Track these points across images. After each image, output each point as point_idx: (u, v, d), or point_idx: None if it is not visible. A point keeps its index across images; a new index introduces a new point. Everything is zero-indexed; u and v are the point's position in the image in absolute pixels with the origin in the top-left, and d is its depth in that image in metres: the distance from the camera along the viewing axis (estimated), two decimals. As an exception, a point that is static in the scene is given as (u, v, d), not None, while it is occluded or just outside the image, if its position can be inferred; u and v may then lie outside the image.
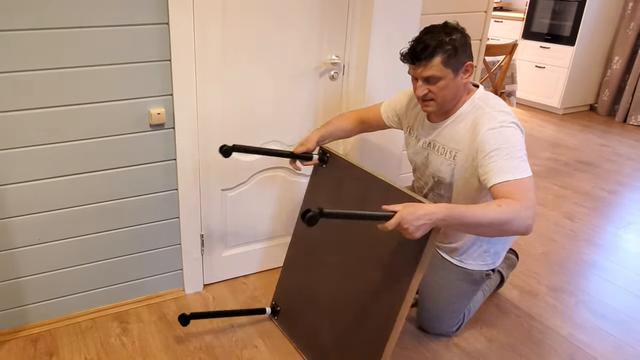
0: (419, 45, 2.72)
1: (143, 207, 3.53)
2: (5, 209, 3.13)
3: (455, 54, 2.71)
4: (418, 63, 2.73)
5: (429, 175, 3.17)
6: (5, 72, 2.84)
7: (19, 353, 3.30)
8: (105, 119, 3.19)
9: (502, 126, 2.71)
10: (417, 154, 3.22)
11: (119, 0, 2.96)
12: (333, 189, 3.15)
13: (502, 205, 2.46)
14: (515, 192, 2.52)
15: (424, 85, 2.78)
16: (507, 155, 2.61)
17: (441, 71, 2.71)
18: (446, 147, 2.97)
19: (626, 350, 3.48)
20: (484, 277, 3.32)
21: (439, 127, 3.01)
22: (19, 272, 3.32)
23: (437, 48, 2.68)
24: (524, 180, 2.57)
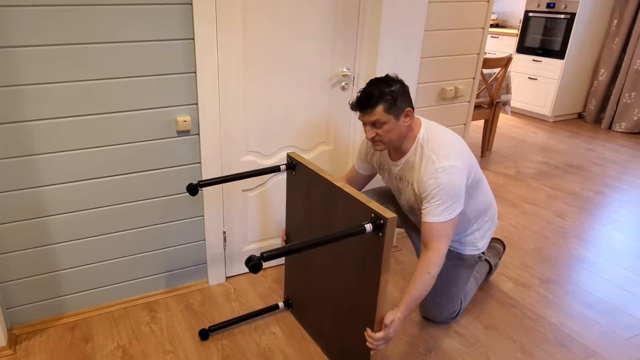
0: (364, 96, 2.93)
1: (171, 206, 3.53)
2: (46, 208, 3.14)
3: (395, 103, 2.90)
4: (364, 111, 2.94)
5: (404, 200, 3.34)
6: (50, 82, 2.85)
7: (58, 339, 3.30)
8: (137, 126, 3.20)
9: (437, 173, 2.91)
10: (390, 184, 3.41)
11: (150, 18, 2.97)
12: (304, 193, 3.18)
13: (430, 272, 2.81)
14: (435, 236, 2.88)
15: (372, 129, 2.97)
16: (437, 201, 2.88)
17: (384, 117, 2.90)
18: (407, 180, 3.17)
19: (611, 336, 3.47)
20: (476, 261, 3.45)
21: (399, 164, 3.20)
22: (57, 265, 3.33)
23: (379, 98, 2.88)
24: (442, 225, 2.88)
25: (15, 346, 3.22)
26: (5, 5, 2.62)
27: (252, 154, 3.72)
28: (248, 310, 3.60)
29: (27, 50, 2.75)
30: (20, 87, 2.81)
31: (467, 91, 4.41)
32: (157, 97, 3.19)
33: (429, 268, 2.81)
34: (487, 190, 3.39)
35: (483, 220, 3.40)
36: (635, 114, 8.11)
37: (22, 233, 3.14)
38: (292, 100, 3.71)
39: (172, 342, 3.31)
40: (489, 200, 3.40)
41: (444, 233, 2.89)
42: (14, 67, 2.75)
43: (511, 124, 8.70)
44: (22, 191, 3.04)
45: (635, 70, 8.01)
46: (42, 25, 2.73)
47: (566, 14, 8.10)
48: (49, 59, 2.82)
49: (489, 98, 6.64)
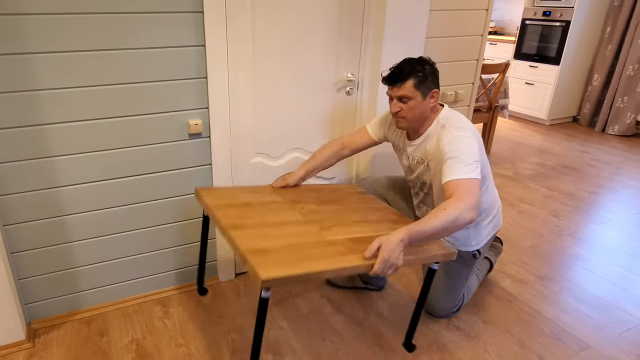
0: (396, 70, 2.95)
1: (183, 206, 3.53)
2: (63, 207, 3.14)
3: (425, 80, 2.93)
4: (394, 84, 2.96)
5: (415, 179, 3.32)
6: (67, 87, 2.85)
7: (75, 333, 3.30)
8: (150, 129, 3.20)
9: (456, 138, 2.88)
10: (403, 163, 3.40)
11: (163, 26, 2.97)
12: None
13: (447, 209, 2.61)
14: (458, 189, 2.71)
15: (398, 103, 2.98)
16: (458, 161, 2.79)
17: (412, 92, 2.92)
18: (423, 159, 3.15)
19: (604, 330, 3.46)
20: (471, 258, 3.39)
21: (415, 143, 3.18)
22: (74, 262, 3.33)
23: (410, 73, 2.90)
24: (468, 181, 2.73)
25: (34, 340, 3.23)
26: (24, 13, 2.62)
27: (260, 155, 3.72)
28: (256, 305, 3.58)
29: (45, 56, 2.75)
30: (38, 92, 2.81)
31: (467, 95, 4.40)
32: (170, 101, 3.19)
33: (446, 205, 2.63)
34: (491, 191, 3.35)
35: (483, 219, 3.33)
36: (627, 118, 8.09)
37: (40, 232, 3.14)
38: (299, 104, 3.71)
39: (184, 336, 3.30)
40: (491, 200, 3.35)
41: (467, 186, 2.72)
42: (32, 72, 2.75)
43: (509, 127, 8.68)
44: (40, 191, 3.04)
45: (627, 76, 7.99)
46: (59, 32, 2.74)
47: (561, 21, 8.09)
48: (66, 65, 2.82)
49: (488, 102, 6.64)
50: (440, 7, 3.88)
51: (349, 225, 2.87)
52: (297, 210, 3.01)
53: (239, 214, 2.83)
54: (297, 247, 2.51)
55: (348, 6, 3.60)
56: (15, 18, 2.61)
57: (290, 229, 2.72)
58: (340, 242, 2.62)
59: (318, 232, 2.71)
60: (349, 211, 3.11)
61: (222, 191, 3.16)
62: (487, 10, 4.12)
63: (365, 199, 3.38)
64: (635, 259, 4.41)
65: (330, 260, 2.41)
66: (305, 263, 2.35)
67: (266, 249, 2.45)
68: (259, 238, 2.56)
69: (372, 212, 3.16)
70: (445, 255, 2.77)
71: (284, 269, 2.27)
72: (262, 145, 3.69)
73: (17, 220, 3.05)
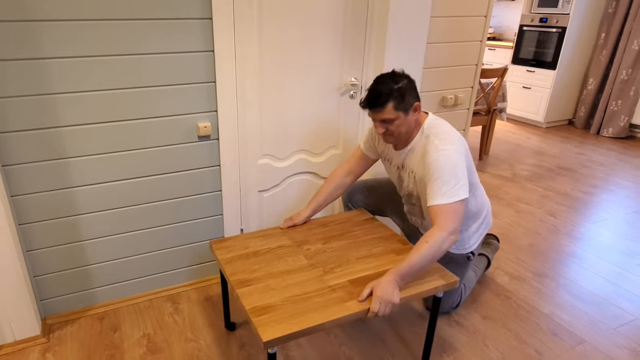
0: (373, 94, 2.82)
1: (192, 205, 3.53)
2: (77, 207, 3.14)
3: (403, 99, 2.81)
4: (374, 109, 2.84)
5: (404, 189, 3.26)
6: (81, 91, 2.86)
7: (88, 329, 3.30)
8: (161, 131, 3.20)
9: (438, 155, 2.79)
10: (392, 173, 3.34)
11: (173, 32, 2.98)
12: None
13: (428, 241, 2.62)
14: (439, 215, 2.71)
15: (382, 125, 2.89)
16: (442, 183, 2.73)
17: (393, 114, 2.82)
18: (409, 169, 3.10)
19: (599, 326, 3.45)
20: (465, 260, 3.35)
21: (402, 154, 3.11)
22: (88, 260, 3.33)
23: (388, 96, 2.78)
24: (449, 206, 2.71)
25: (49, 335, 3.23)
26: (39, 20, 2.62)
27: (267, 157, 3.71)
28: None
29: (60, 61, 2.75)
30: (53, 96, 2.81)
31: (466, 99, 4.39)
32: (180, 104, 3.18)
33: (427, 237, 2.64)
34: (479, 195, 3.31)
35: (472, 223, 3.31)
36: (621, 120, 8.07)
37: (55, 230, 3.14)
38: (304, 108, 3.71)
39: (194, 331, 3.31)
40: (479, 204, 3.31)
41: (448, 211, 2.71)
42: (48, 77, 2.75)
43: (507, 129, 8.66)
44: (55, 192, 3.04)
45: (621, 80, 7.97)
46: (74, 38, 2.74)
47: (557, 28, 8.07)
48: (80, 70, 2.82)
49: (487, 105, 6.62)
50: (440, 14, 3.86)
51: (353, 264, 2.86)
52: (303, 253, 2.97)
53: (246, 267, 2.84)
54: (299, 299, 2.52)
55: (352, 13, 3.59)
56: (32, 24, 2.62)
57: (295, 277, 2.72)
58: (341, 287, 2.62)
59: (321, 277, 2.71)
60: (354, 246, 3.06)
61: (233, 241, 3.12)
62: (485, 17, 4.11)
63: (371, 228, 3.31)
64: (629, 256, 4.40)
65: (331, 310, 2.43)
66: (305, 317, 2.37)
67: (269, 305, 2.47)
68: (263, 293, 2.58)
69: (377, 242, 3.11)
70: (446, 285, 2.73)
71: (285, 327, 2.31)
72: (269, 147, 3.69)
73: (32, 220, 3.05)
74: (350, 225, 3.32)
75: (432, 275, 2.77)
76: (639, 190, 5.96)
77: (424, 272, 2.74)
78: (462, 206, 2.75)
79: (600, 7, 8.16)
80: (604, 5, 8.17)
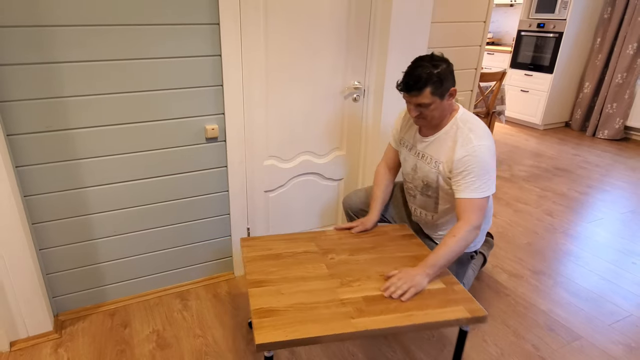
0: (412, 79, 2.69)
1: (200, 205, 3.52)
2: (89, 206, 3.14)
3: (442, 84, 2.69)
4: (411, 93, 2.72)
5: (418, 179, 3.12)
6: (92, 94, 2.86)
7: (99, 325, 3.30)
8: (170, 133, 3.19)
9: (474, 150, 2.72)
10: (407, 160, 3.18)
11: (182, 37, 2.98)
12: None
13: (456, 235, 2.65)
14: (468, 209, 2.72)
15: (416, 109, 2.78)
16: (475, 177, 2.71)
17: (430, 99, 2.70)
18: (432, 158, 2.95)
19: (595, 322, 3.45)
20: (468, 259, 3.30)
21: (428, 140, 2.97)
22: (99, 258, 3.33)
23: (427, 81, 2.66)
24: (479, 200, 2.71)
25: (61, 331, 3.23)
26: (52, 25, 2.62)
27: (273, 158, 3.71)
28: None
29: (72, 65, 2.76)
30: (65, 99, 2.81)
31: (466, 102, 4.38)
32: (189, 107, 3.18)
33: (455, 232, 2.67)
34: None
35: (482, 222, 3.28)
36: (616, 123, 8.05)
37: (67, 229, 3.14)
38: (309, 110, 3.70)
39: (202, 327, 3.30)
40: (491, 204, 3.27)
41: (477, 206, 2.72)
42: (60, 80, 2.76)
43: (505, 131, 8.65)
44: (67, 192, 3.04)
45: (616, 84, 7.96)
46: (86, 43, 2.74)
47: (554, 33, 8.07)
48: (92, 73, 2.83)
49: (486, 108, 6.61)
50: (441, 20, 3.86)
51: (373, 280, 2.63)
52: (325, 261, 2.81)
53: (265, 268, 2.76)
54: (305, 307, 2.41)
55: (355, 19, 3.59)
56: (45, 29, 2.62)
57: (309, 284, 2.59)
58: (353, 302, 2.44)
59: (335, 289, 2.54)
60: (380, 262, 2.82)
61: (260, 241, 3.05)
62: (485, 22, 4.10)
63: (407, 245, 3.04)
64: (624, 255, 4.40)
65: (332, 324, 2.29)
66: (304, 327, 2.27)
67: (273, 309, 2.40)
68: (272, 296, 2.50)
69: (408, 261, 2.82)
70: (471, 320, 2.40)
71: (281, 333, 2.22)
72: (275, 149, 3.69)
73: (45, 219, 3.05)
74: (384, 239, 3.09)
75: (457, 305, 2.45)
76: (633, 190, 5.95)
77: (448, 301, 2.47)
78: (487, 202, 2.78)
79: (596, 13, 8.16)
80: (599, 11, 8.16)
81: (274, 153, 3.70)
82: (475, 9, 4.01)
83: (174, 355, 3.06)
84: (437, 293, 2.51)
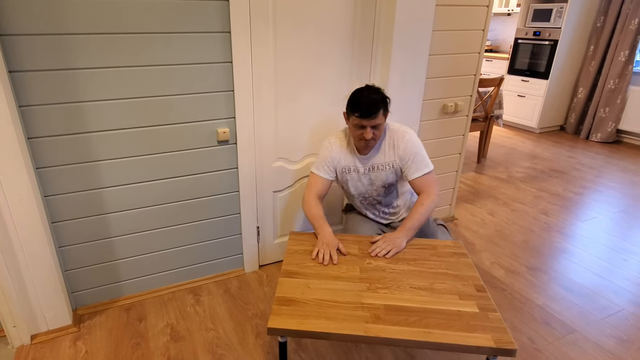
0: (369, 104, 2.83)
1: (212, 205, 3.52)
2: (106, 206, 3.14)
3: (387, 105, 2.91)
4: (371, 117, 2.83)
5: (378, 187, 3.19)
6: (110, 99, 2.87)
7: (116, 319, 3.30)
8: (183, 136, 3.19)
9: (410, 140, 3.03)
10: (360, 181, 3.18)
11: (196, 45, 2.98)
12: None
13: (424, 204, 2.97)
14: (424, 183, 3.03)
15: (372, 130, 2.89)
16: (420, 158, 3.03)
17: (382, 119, 2.89)
18: (383, 164, 3.11)
19: (588, 316, 3.44)
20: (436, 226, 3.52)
21: (370, 155, 3.11)
22: (115, 255, 3.33)
23: (380, 104, 2.85)
24: (430, 174, 3.04)
25: (79, 324, 3.23)
26: (74, 33, 2.63)
27: (281, 160, 3.70)
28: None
29: (92, 71, 2.76)
30: (85, 103, 2.82)
31: (465, 107, 4.37)
32: (201, 111, 3.18)
33: (422, 201, 2.98)
34: None
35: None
36: (609, 126, 8.03)
37: (85, 228, 3.14)
38: (316, 114, 3.69)
39: (213, 321, 3.30)
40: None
41: (433, 179, 3.05)
42: (79, 86, 2.76)
43: (503, 134, 8.62)
44: (85, 192, 3.04)
45: (609, 89, 7.94)
46: (103, 50, 2.75)
47: (550, 40, 8.05)
48: (110, 79, 2.84)
49: (484, 112, 6.60)
50: (441, 28, 3.85)
51: (402, 291, 2.49)
52: (361, 265, 2.71)
53: (301, 262, 2.74)
54: (326, 304, 2.37)
55: (360, 28, 3.57)
56: (67, 37, 2.63)
57: (338, 284, 2.53)
58: (373, 308, 2.35)
59: (360, 293, 2.46)
60: (417, 275, 2.64)
61: (307, 237, 3.02)
62: (483, 31, 4.09)
63: (453, 263, 2.79)
64: (616, 252, 4.39)
65: (344, 324, 2.23)
66: (316, 322, 2.25)
67: (295, 299, 2.40)
68: (298, 288, 2.49)
69: (447, 279, 2.62)
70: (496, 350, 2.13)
71: (293, 322, 2.23)
72: (283, 151, 3.68)
73: (64, 218, 3.05)
74: (429, 254, 2.87)
75: (485, 333, 2.21)
76: (625, 190, 5.93)
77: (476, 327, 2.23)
78: (434, 174, 3.10)
79: (589, 22, 8.13)
80: (592, 19, 8.14)
81: (282, 155, 3.69)
82: (474, 18, 4.00)
83: (187, 348, 3.06)
84: (467, 316, 2.32)
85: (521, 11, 8.53)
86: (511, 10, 9.54)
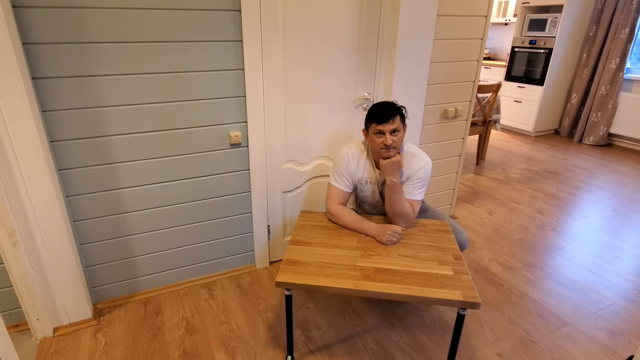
0: (384, 110, 2.85)
1: (225, 205, 3.51)
2: (125, 205, 3.14)
3: (404, 115, 2.92)
4: (387, 120, 2.83)
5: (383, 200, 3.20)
6: (128, 104, 2.87)
7: (134, 313, 3.30)
8: (198, 139, 3.18)
9: (424, 167, 3.03)
10: (373, 193, 3.19)
11: (209, 53, 2.98)
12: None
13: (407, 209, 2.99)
14: (413, 207, 3.05)
15: (391, 136, 2.85)
16: (420, 186, 3.05)
17: (399, 125, 2.86)
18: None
19: (581, 310, 3.43)
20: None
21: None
22: (133, 252, 3.32)
23: (395, 109, 2.86)
24: (418, 202, 3.08)
25: (99, 318, 3.23)
26: (94, 42, 2.63)
27: (291, 162, 3.69)
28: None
29: (111, 78, 2.76)
30: (104, 108, 2.82)
31: (465, 111, 4.35)
32: (215, 116, 3.17)
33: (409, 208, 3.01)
34: None
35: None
36: (601, 130, 8.00)
37: (105, 226, 3.14)
38: (323, 119, 3.68)
39: (226, 315, 3.30)
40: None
41: (417, 206, 3.07)
42: (99, 91, 2.76)
43: (500, 138, 8.60)
44: (105, 192, 3.04)
45: (601, 95, 7.92)
46: (124, 58, 2.76)
47: (545, 49, 8.03)
48: (129, 85, 2.84)
49: (483, 117, 6.58)
50: (442, 37, 3.84)
51: (391, 257, 2.74)
52: (359, 237, 2.97)
53: (308, 234, 2.98)
54: (325, 265, 2.63)
55: (365, 37, 3.56)
56: (87, 46, 2.63)
57: (337, 251, 2.78)
58: (364, 269, 2.61)
59: (355, 258, 2.71)
60: (405, 246, 2.88)
61: (316, 215, 3.25)
62: (482, 39, 4.08)
63: (438, 237, 3.00)
64: (607, 249, 4.37)
65: (338, 280, 2.50)
66: (316, 278, 2.51)
67: (299, 261, 2.67)
68: (303, 253, 2.75)
69: (430, 250, 2.84)
70: (464, 303, 2.36)
71: (296, 277, 2.51)
72: (292, 154, 3.67)
73: (84, 217, 3.05)
74: (419, 230, 3.10)
75: (455, 289, 2.44)
76: (616, 191, 5.90)
77: (449, 285, 2.47)
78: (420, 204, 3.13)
79: (582, 31, 8.11)
80: (585, 29, 8.12)
81: (291, 157, 3.68)
82: (473, 28, 3.98)
83: (201, 340, 3.05)
84: (442, 278, 2.55)
85: (518, 21, 8.50)
86: (508, 20, 9.52)
